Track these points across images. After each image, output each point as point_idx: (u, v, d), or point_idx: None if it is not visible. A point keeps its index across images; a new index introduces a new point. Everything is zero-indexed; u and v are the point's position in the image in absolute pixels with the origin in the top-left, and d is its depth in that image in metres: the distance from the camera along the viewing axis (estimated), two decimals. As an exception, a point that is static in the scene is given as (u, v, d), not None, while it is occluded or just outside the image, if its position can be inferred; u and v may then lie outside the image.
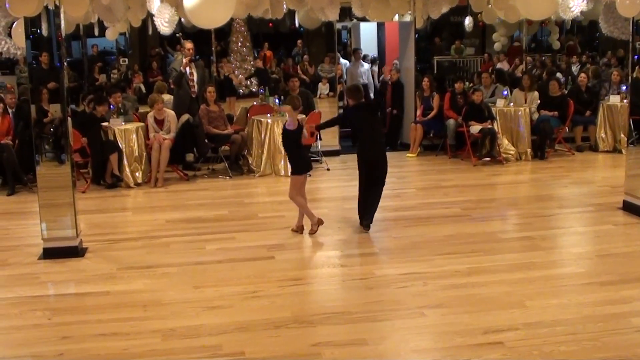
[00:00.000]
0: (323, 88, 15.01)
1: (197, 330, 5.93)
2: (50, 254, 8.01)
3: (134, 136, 11.85)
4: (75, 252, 8.07)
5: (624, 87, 14.32)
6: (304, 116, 12.56)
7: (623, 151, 13.12)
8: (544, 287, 6.87)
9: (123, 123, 12.04)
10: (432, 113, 14.09)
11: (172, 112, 12.05)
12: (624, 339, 5.69)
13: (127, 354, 5.52)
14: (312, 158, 13.26)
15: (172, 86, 13.26)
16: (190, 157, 12.88)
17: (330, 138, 14.12)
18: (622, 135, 13.75)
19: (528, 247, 8.19)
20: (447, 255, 7.75)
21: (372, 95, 15.81)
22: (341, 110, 15.38)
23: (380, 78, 16.61)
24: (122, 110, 12.36)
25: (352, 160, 13.76)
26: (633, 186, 9.62)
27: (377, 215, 9.17)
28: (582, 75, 15.40)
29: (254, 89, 15.44)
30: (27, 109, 8.69)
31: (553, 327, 5.91)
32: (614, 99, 14.47)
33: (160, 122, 11.92)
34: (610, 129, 14.40)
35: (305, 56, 19.30)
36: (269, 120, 12.44)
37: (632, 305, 6.37)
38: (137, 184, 11.73)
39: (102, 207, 10.54)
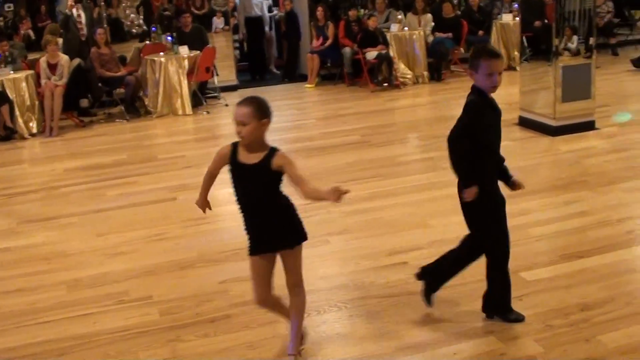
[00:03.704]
0: (218, 22, 14.74)
1: (103, 278, 5.85)
2: (-56, 212, 7.77)
3: (24, 85, 11.47)
4: (-30, 209, 7.85)
5: (516, 5, 14.53)
6: (198, 52, 12.40)
7: (517, 68, 13.34)
8: (446, 205, 6.95)
9: (11, 72, 11.63)
10: (328, 42, 14.04)
11: (66, 57, 11.69)
12: (525, 249, 5.85)
13: (34, 309, 5.40)
14: (209, 94, 13.14)
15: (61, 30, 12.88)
16: (84, 102, 12.56)
17: (227, 73, 13.97)
18: (516, 53, 13.97)
19: (429, 168, 8.30)
20: (349, 182, 7.78)
21: (267, 28, 15.61)
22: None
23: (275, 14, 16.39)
24: (9, 59, 11.93)
25: (251, 94, 13.68)
26: (527, 102, 9.83)
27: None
28: (474, -6, 15.57)
29: (146, 28, 15.06)
30: None
31: (456, 243, 5.99)
32: (507, 18, 14.70)
33: (53, 67, 11.55)
34: (504, 47, 14.65)
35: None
36: (163, 59, 12.20)
37: (530, 216, 6.54)
38: (32, 135, 11.41)
39: (-4, 161, 10.26)
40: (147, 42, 13.66)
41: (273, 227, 4.22)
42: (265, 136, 4.07)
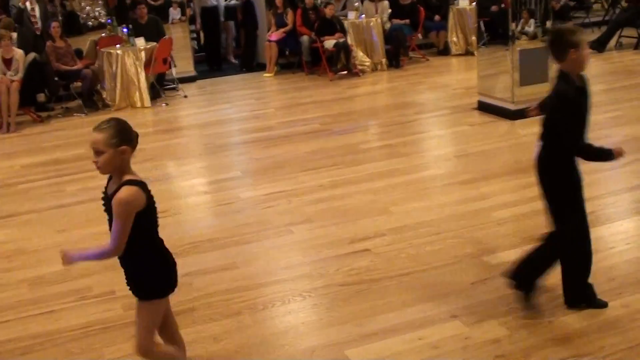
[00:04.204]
0: (174, 13, 14.62)
1: (65, 275, 5.77)
2: None
3: (-21, 81, 11.30)
4: None
5: (472, -11, 14.60)
6: (155, 43, 12.30)
7: (475, 53, 13.41)
8: (407, 191, 7.02)
9: (-35, 68, 11.45)
10: (286, 28, 13.99)
11: (21, 51, 11.50)
12: (487, 232, 5.90)
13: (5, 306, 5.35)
14: (167, 86, 13.05)
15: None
16: (41, 97, 12.41)
17: (185, 64, 13.88)
18: (473, 38, 14.04)
19: (389, 154, 8.32)
20: (310, 171, 7.80)
21: (222, 18, 15.49)
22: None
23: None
24: (-37, 56, 11.74)
25: (209, 85, 13.71)
26: (486, 86, 9.88)
27: (237, 138, 9.12)
28: (430, -20, 15.60)
29: (102, 20, 14.90)
30: None
31: (417, 229, 6.05)
32: (463, 3, 14.73)
33: (7, 62, 11.35)
34: (462, 32, 14.71)
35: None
36: (119, 52, 12.08)
37: (491, 200, 6.60)
38: (-11, 131, 11.26)
39: (-48, 158, 10.09)
40: (103, 34, 13.51)
41: (126, 269, 3.73)
42: (128, 165, 3.60)
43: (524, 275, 4.68)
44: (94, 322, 4.97)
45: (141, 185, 3.52)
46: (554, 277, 4.93)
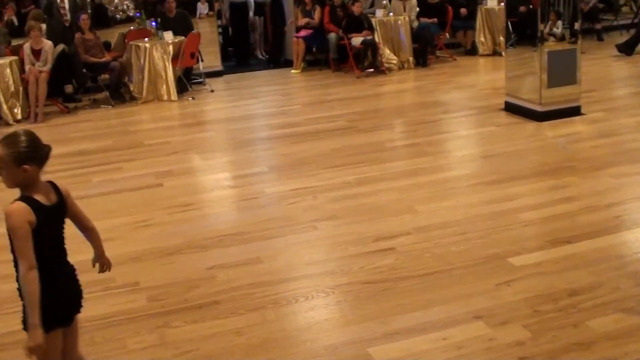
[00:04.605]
0: (202, 7, 14.65)
1: (89, 265, 5.73)
2: None
3: (8, 71, 11.34)
4: (-46, 195, 7.76)
5: (500, -10, 14.53)
6: (183, 37, 12.34)
7: (503, 53, 13.34)
8: (433, 191, 6.99)
9: (-5, 58, 11.54)
10: (311, 22, 13.99)
11: (50, 42, 11.56)
12: (513, 234, 5.86)
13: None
14: (194, 80, 13.09)
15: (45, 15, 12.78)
16: (69, 88, 12.47)
17: (212, 59, 13.92)
18: (501, 38, 13.98)
19: (415, 153, 8.29)
20: (336, 168, 7.78)
21: (251, 14, 15.51)
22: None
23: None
24: (-8, 45, 11.84)
25: (236, 80, 13.74)
26: (513, 87, 9.82)
27: (263, 133, 9.12)
28: (458, -21, 15.54)
29: (130, 13, 14.96)
30: None
31: (443, 229, 6.02)
32: (492, 3, 14.68)
33: (37, 53, 11.43)
34: (490, 33, 14.66)
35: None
36: (147, 45, 12.12)
37: (518, 201, 6.55)
38: (17, 121, 11.29)
39: (-20, 147, 10.14)
40: (131, 27, 13.56)
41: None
42: (34, 182, 3.33)
43: None
44: (117, 313, 4.98)
45: (32, 203, 3.28)
46: (578, 281, 4.92)
